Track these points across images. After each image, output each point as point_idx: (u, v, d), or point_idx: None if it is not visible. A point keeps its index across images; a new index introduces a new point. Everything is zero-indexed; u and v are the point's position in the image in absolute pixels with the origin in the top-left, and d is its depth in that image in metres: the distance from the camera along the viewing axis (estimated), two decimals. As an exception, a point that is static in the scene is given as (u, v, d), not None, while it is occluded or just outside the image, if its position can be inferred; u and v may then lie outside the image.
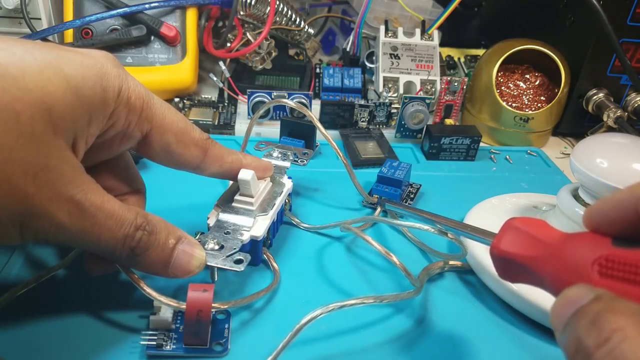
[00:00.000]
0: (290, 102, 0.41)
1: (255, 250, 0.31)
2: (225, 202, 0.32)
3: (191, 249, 0.27)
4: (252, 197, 0.32)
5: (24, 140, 0.20)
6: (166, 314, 0.27)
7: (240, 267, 0.27)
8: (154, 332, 0.27)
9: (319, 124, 0.39)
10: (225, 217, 0.31)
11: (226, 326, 0.28)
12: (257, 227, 0.31)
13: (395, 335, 0.29)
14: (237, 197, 0.32)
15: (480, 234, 0.26)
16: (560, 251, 0.20)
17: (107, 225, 0.23)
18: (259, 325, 0.29)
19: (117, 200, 0.24)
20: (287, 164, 0.38)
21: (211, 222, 0.31)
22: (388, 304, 0.31)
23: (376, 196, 0.40)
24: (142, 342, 0.26)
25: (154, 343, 0.26)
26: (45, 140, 0.21)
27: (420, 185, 0.43)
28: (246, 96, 0.50)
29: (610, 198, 0.19)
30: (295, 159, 0.39)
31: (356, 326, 0.29)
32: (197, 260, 0.27)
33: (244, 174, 0.31)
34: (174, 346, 0.26)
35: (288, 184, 0.36)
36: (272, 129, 0.50)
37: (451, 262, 0.34)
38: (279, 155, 0.39)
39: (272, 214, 0.32)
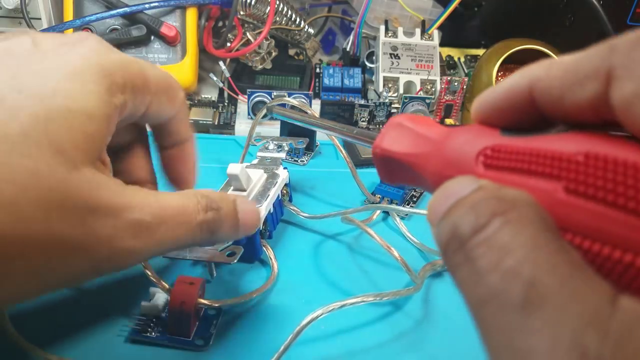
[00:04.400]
0: (292, 101, 0.41)
1: (253, 243, 0.31)
2: None
3: (246, 205, 0.27)
4: (244, 190, 0.32)
5: (54, 195, 0.18)
6: (158, 301, 0.28)
7: (232, 260, 0.28)
8: (143, 318, 0.27)
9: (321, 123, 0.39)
10: None
11: (214, 322, 0.28)
12: None
13: (396, 332, 0.29)
14: (231, 191, 0.32)
15: (364, 136, 0.24)
16: (443, 146, 0.17)
17: (179, 224, 0.22)
18: (258, 324, 0.29)
19: (164, 192, 0.24)
20: (282, 154, 0.38)
21: None
22: (388, 301, 0.31)
23: (378, 196, 0.40)
24: (129, 326, 0.27)
25: (139, 328, 0.27)
26: (74, 181, 0.19)
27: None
28: (246, 96, 0.50)
29: (500, 84, 0.16)
30: (292, 153, 0.39)
31: (356, 324, 0.29)
32: (255, 213, 0.27)
33: (233, 169, 0.31)
34: (158, 334, 0.27)
35: (283, 174, 0.35)
36: (272, 129, 0.50)
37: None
38: (274, 148, 0.39)
39: (266, 205, 0.32)
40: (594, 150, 0.13)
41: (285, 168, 0.37)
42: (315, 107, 0.52)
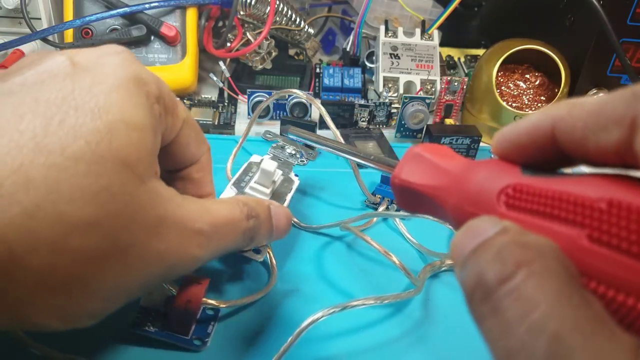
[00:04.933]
0: (299, 92, 0.40)
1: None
2: (239, 185, 0.32)
3: (279, 210, 0.28)
4: (268, 187, 0.32)
5: (128, 210, 0.19)
6: (160, 295, 0.28)
7: (259, 258, 0.28)
8: (144, 311, 0.27)
9: (328, 120, 0.39)
10: None
11: (212, 324, 0.28)
12: None
13: (396, 333, 0.29)
14: (253, 183, 0.32)
15: (382, 164, 0.24)
16: (463, 180, 0.17)
17: (229, 232, 0.24)
18: (257, 327, 0.29)
19: (212, 199, 0.24)
20: (294, 161, 0.37)
21: None
22: (389, 305, 0.31)
23: (379, 196, 0.40)
24: (130, 318, 0.27)
25: (139, 321, 0.27)
26: (143, 195, 0.19)
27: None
28: (246, 96, 0.50)
29: (523, 121, 0.17)
30: (302, 158, 0.38)
31: (357, 326, 0.29)
32: (288, 218, 0.28)
33: (269, 165, 0.31)
34: (156, 328, 0.27)
35: (296, 181, 0.36)
36: (272, 129, 0.50)
37: (450, 261, 0.34)
38: (289, 153, 0.38)
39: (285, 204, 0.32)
40: (617, 198, 0.13)
41: (296, 175, 0.36)
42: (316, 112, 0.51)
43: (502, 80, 0.54)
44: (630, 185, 0.13)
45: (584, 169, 0.16)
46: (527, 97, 0.53)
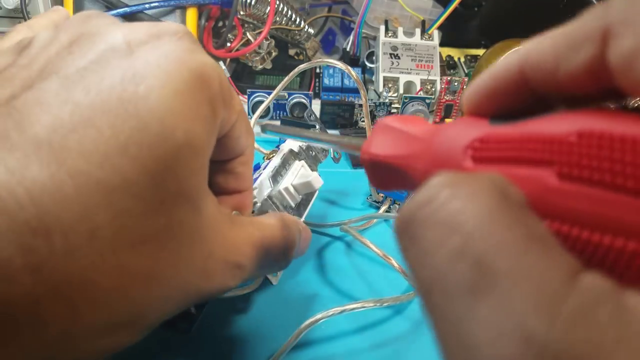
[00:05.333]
0: (335, 62, 0.39)
1: None
2: (276, 180, 0.31)
3: (305, 235, 0.26)
4: (301, 195, 0.31)
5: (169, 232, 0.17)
6: None
7: (274, 281, 0.29)
8: None
9: (360, 84, 0.37)
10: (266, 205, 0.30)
11: (192, 310, 0.28)
12: None
13: (396, 336, 0.29)
14: (290, 187, 0.31)
15: (352, 144, 0.22)
16: (431, 144, 0.16)
17: (265, 265, 0.23)
18: (256, 325, 0.29)
19: (255, 222, 0.23)
20: (321, 159, 0.36)
21: (258, 199, 0.29)
22: (388, 307, 0.31)
23: (382, 195, 0.40)
24: None
25: None
26: (198, 227, 0.18)
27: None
28: (246, 96, 0.50)
29: (489, 68, 0.15)
30: (335, 153, 0.37)
31: (356, 327, 0.29)
32: (309, 241, 0.27)
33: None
34: None
35: (317, 188, 0.33)
36: (272, 129, 0.50)
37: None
38: (319, 151, 0.36)
39: (303, 218, 0.32)
40: (588, 128, 0.11)
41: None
42: (315, 107, 0.52)
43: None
44: (603, 113, 0.12)
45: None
46: (527, 97, 0.53)
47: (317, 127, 0.36)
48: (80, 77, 0.16)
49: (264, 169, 0.31)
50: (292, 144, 0.31)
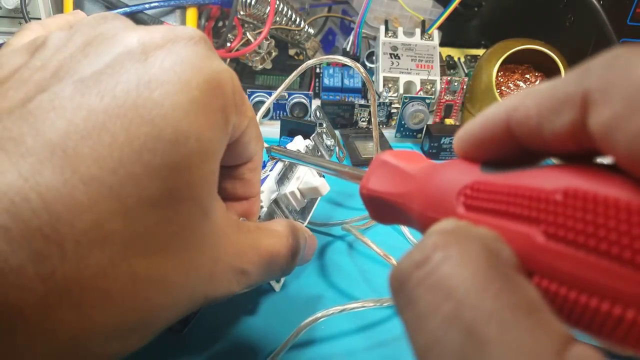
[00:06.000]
0: (343, 58, 0.38)
1: None
2: (282, 182, 0.31)
3: (311, 242, 0.27)
4: (307, 199, 0.31)
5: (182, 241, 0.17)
6: None
7: (277, 287, 0.29)
8: None
9: (369, 82, 0.37)
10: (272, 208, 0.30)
11: (196, 311, 0.28)
12: None
13: (395, 336, 0.29)
14: (296, 191, 0.30)
15: (353, 175, 0.22)
16: (425, 184, 0.16)
17: (270, 272, 0.23)
18: (255, 323, 0.29)
19: (261, 229, 0.23)
20: (326, 155, 0.36)
21: (264, 204, 0.29)
22: (389, 307, 0.31)
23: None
24: None
25: None
26: (206, 232, 0.18)
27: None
28: (246, 96, 0.50)
29: (479, 116, 0.15)
30: (341, 152, 0.37)
31: (355, 327, 0.29)
32: (314, 248, 0.27)
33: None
34: None
35: (321, 195, 0.33)
36: (272, 129, 0.50)
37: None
38: (330, 144, 0.36)
39: (307, 221, 0.32)
40: (573, 187, 0.12)
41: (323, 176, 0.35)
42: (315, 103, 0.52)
43: (502, 80, 0.54)
44: (589, 172, 0.12)
45: (552, 162, 0.14)
46: (527, 97, 0.53)
47: (324, 125, 0.35)
48: (94, 81, 0.16)
49: (270, 170, 0.31)
50: (298, 144, 0.31)
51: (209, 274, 0.19)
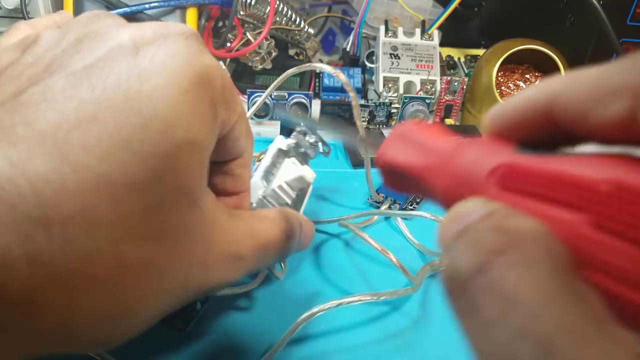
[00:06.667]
0: (323, 66, 0.39)
1: None
2: (268, 179, 0.31)
3: (307, 228, 0.27)
4: (295, 191, 0.31)
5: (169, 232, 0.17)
6: None
7: (280, 275, 0.29)
8: None
9: (349, 87, 0.38)
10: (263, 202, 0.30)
11: (199, 308, 0.28)
12: None
13: (394, 332, 0.29)
14: (284, 184, 0.31)
15: (368, 143, 0.22)
16: (453, 159, 0.16)
17: (267, 256, 0.23)
18: (253, 319, 0.29)
19: (254, 215, 0.23)
20: (312, 153, 0.36)
21: (253, 200, 0.30)
22: (386, 302, 0.31)
23: (382, 195, 0.40)
24: None
25: None
26: (197, 222, 0.19)
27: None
28: (246, 96, 0.50)
29: (517, 96, 0.15)
30: (325, 148, 0.38)
31: (353, 323, 0.29)
32: (312, 234, 0.28)
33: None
34: None
35: (310, 182, 0.34)
36: (272, 129, 0.50)
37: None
38: (311, 144, 0.36)
39: (300, 213, 0.32)
40: (624, 180, 0.11)
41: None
42: (315, 107, 0.52)
43: (502, 80, 0.54)
44: (638, 165, 0.12)
45: (589, 148, 0.14)
46: (527, 97, 0.53)
47: (302, 124, 0.36)
48: (86, 74, 0.17)
49: (255, 170, 0.31)
50: (280, 142, 0.32)
51: (201, 262, 0.19)
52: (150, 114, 0.16)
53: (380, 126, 0.53)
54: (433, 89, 0.55)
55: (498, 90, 0.53)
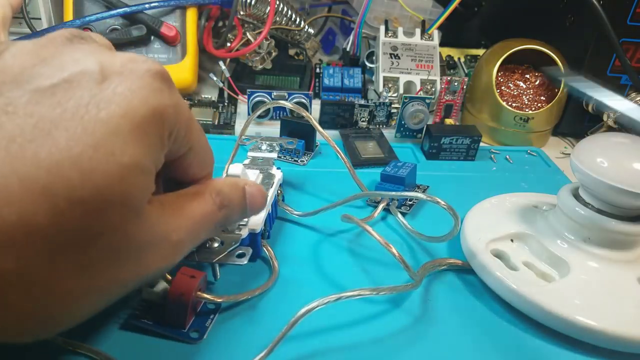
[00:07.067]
0: (288, 104, 0.41)
1: (255, 243, 0.32)
2: None
3: (253, 190, 0.28)
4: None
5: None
6: (159, 288, 0.28)
7: (243, 261, 0.28)
8: (144, 304, 0.28)
9: (317, 126, 0.39)
10: None
11: (212, 317, 0.28)
12: (254, 220, 0.31)
13: (393, 330, 0.29)
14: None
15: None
16: None
17: (202, 229, 0.25)
18: (253, 318, 0.29)
19: (184, 195, 0.25)
20: (274, 155, 0.39)
21: None
22: (386, 300, 0.31)
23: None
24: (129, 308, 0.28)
25: (138, 312, 0.27)
26: (139, 227, 0.20)
27: (428, 186, 0.43)
28: (246, 96, 0.50)
29: None
30: (292, 153, 0.39)
31: (352, 319, 0.29)
32: (262, 195, 0.29)
33: (234, 169, 0.31)
34: (155, 321, 0.27)
35: (278, 174, 0.36)
36: (272, 129, 0.50)
37: (451, 261, 0.34)
38: (267, 148, 0.39)
39: (267, 205, 0.32)
40: None
41: (278, 168, 0.37)
42: (316, 107, 0.52)
43: (502, 80, 0.54)
44: None
45: None
46: (527, 97, 0.53)
47: (257, 140, 0.39)
48: (50, 93, 0.18)
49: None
50: (234, 170, 0.32)
51: (138, 260, 0.21)
52: (103, 137, 0.18)
53: (380, 126, 0.53)
54: (433, 89, 0.54)
55: (498, 90, 0.53)
